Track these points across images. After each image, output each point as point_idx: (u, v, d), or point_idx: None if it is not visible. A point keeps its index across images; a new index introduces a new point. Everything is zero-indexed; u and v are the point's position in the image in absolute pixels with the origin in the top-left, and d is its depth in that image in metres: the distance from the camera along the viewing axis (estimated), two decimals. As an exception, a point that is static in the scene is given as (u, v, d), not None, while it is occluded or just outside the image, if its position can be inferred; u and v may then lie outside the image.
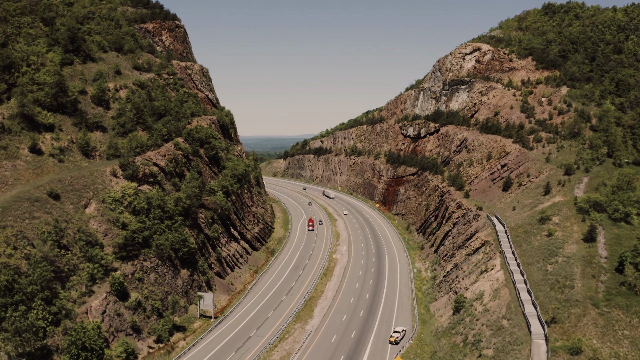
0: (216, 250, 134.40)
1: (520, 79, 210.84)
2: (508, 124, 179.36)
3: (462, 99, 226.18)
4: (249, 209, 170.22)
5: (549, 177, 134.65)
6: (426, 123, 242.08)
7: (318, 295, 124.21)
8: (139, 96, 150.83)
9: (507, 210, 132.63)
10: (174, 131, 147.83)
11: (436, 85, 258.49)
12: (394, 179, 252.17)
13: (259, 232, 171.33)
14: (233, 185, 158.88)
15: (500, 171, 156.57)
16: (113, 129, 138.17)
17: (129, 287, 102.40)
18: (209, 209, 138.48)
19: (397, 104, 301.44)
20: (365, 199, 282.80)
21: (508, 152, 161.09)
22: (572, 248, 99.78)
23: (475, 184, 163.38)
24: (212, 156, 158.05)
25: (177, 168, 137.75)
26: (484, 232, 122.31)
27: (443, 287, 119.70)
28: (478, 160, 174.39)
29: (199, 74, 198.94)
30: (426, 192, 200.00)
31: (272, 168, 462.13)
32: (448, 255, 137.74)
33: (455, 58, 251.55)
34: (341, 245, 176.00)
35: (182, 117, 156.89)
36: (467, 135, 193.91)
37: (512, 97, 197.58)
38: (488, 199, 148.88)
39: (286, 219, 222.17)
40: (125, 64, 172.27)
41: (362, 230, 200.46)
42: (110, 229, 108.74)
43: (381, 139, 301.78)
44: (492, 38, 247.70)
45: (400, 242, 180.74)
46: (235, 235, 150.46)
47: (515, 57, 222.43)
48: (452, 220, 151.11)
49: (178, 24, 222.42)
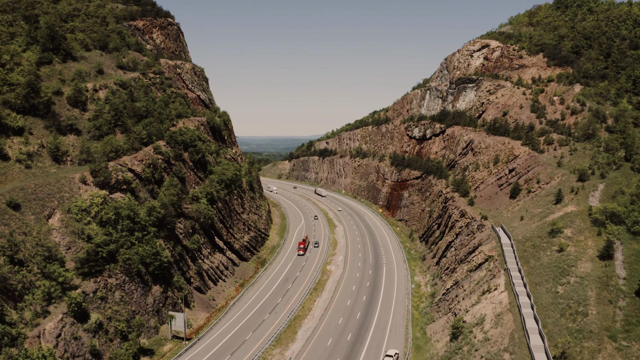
0: (196, 263, 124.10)
1: (531, 76, 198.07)
2: (517, 125, 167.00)
3: (469, 98, 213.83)
4: (238, 217, 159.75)
5: (561, 184, 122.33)
6: (432, 124, 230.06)
7: (304, 314, 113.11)
8: (118, 97, 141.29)
9: (514, 220, 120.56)
10: (156, 134, 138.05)
11: (443, 84, 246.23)
12: (398, 182, 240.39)
13: (249, 241, 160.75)
14: (220, 192, 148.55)
15: (508, 176, 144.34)
16: (88, 132, 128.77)
17: (90, 307, 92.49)
18: (190, 217, 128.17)
19: (403, 104, 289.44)
20: (369, 203, 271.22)
21: (516, 156, 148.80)
22: (586, 266, 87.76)
23: (481, 190, 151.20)
24: (197, 160, 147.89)
25: (156, 174, 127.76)
26: (488, 246, 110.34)
27: (442, 307, 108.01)
28: (484, 164, 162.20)
29: (190, 73, 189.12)
30: (430, 197, 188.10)
31: (277, 170, 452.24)
32: (450, 269, 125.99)
33: (462, 55, 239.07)
34: (337, 255, 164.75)
35: (165, 118, 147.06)
36: (473, 137, 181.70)
37: (522, 95, 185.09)
38: (494, 206, 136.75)
39: (283, 225, 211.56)
40: (109, 63, 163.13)
41: (362, 237, 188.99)
42: (74, 241, 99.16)
43: (386, 140, 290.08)
44: (502, 34, 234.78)
45: (400, 251, 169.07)
46: (221, 245, 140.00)
47: (525, 54, 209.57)
48: (455, 230, 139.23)
49: (171, 22, 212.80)
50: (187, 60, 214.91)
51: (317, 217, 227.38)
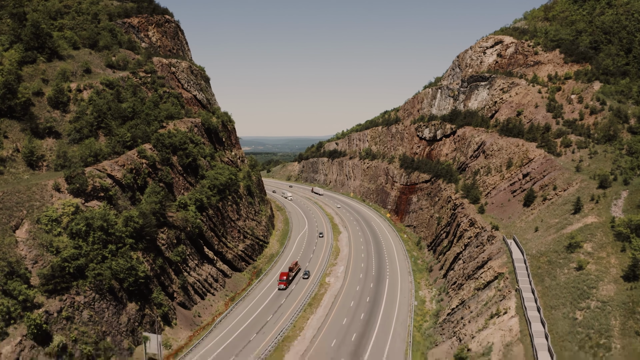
0: (181, 276, 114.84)
1: (547, 73, 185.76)
2: (532, 125, 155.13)
3: (482, 97, 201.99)
4: (232, 224, 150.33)
5: (580, 191, 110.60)
6: (442, 124, 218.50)
7: (295, 335, 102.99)
8: (103, 97, 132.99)
9: (528, 231, 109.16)
10: (141, 136, 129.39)
11: (454, 83, 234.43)
12: (407, 186, 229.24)
13: (244, 250, 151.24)
14: (211, 198, 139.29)
15: (522, 181, 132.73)
16: (68, 135, 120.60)
17: (53, 328, 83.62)
18: (175, 227, 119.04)
19: (414, 104, 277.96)
20: (377, 207, 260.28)
21: (531, 159, 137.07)
22: (608, 289, 76.48)
23: (492, 196, 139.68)
24: (187, 164, 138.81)
25: (139, 180, 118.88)
26: (498, 261, 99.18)
27: (446, 329, 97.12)
28: (497, 168, 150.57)
29: (187, 72, 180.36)
30: (439, 203, 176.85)
31: (287, 171, 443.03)
32: (457, 284, 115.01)
33: (475, 52, 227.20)
34: (338, 265, 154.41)
35: (153, 120, 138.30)
36: (485, 138, 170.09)
37: (537, 94, 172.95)
38: (506, 215, 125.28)
39: (285, 231, 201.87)
40: (98, 62, 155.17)
41: (366, 245, 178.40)
42: (42, 255, 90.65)
43: (396, 141, 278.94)
44: (516, 30, 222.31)
45: (406, 261, 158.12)
46: (210, 256, 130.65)
47: (541, 50, 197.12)
48: (464, 241, 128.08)
49: (168, 19, 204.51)
50: (185, 59, 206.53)
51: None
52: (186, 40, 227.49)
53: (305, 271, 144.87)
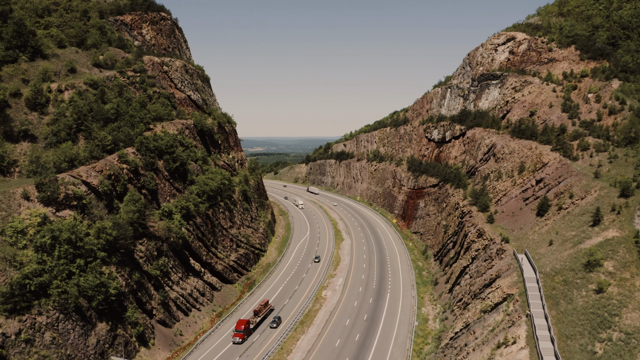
0: (161, 291, 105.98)
1: (562, 71, 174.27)
2: (546, 127, 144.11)
3: (493, 97, 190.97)
4: (224, 232, 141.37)
5: (599, 200, 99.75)
6: (452, 125, 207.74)
7: (281, 359, 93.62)
8: (85, 98, 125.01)
9: (542, 244, 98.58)
10: (124, 140, 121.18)
11: (465, 82, 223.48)
12: (415, 190, 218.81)
13: (237, 259, 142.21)
14: (200, 205, 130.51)
15: (535, 188, 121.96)
16: (45, 138, 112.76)
17: (11, 352, 75.31)
18: (156, 237, 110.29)
19: (423, 104, 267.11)
20: (384, 212, 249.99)
21: (545, 163, 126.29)
22: (633, 317, 66.08)
23: (503, 204, 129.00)
24: (174, 169, 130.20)
25: (118, 186, 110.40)
26: (507, 280, 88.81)
27: (448, 355, 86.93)
28: (508, 173, 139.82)
29: (181, 71, 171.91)
30: (446, 209, 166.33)
31: (294, 173, 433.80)
32: (462, 302, 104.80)
33: (486, 50, 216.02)
34: (337, 276, 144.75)
35: (138, 122, 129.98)
36: (496, 141, 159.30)
37: (552, 93, 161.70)
38: (517, 225, 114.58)
39: (285, 238, 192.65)
40: (84, 61, 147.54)
41: (369, 254, 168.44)
42: (4, 270, 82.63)
43: (404, 142, 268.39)
44: (529, 26, 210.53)
45: (410, 273, 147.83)
46: (197, 268, 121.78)
47: (555, 47, 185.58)
48: (471, 253, 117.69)
49: (164, 16, 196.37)
50: (181, 58, 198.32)
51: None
52: (184, 38, 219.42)
53: (275, 318, 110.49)
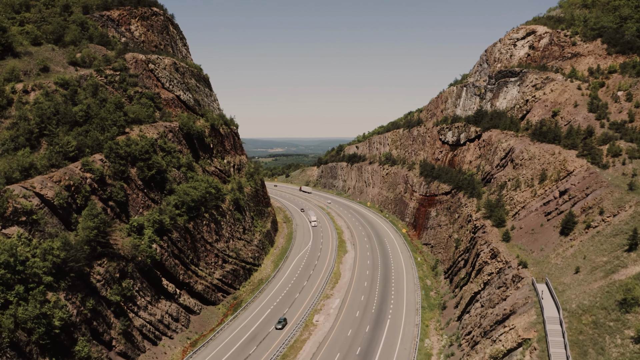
0: (123, 319, 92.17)
1: (587, 67, 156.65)
2: (571, 129, 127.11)
3: (511, 95, 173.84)
4: (208, 247, 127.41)
5: (636, 218, 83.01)
6: (466, 126, 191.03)
7: (252, 407, 79.18)
8: (51, 99, 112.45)
9: (566, 271, 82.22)
10: (92, 145, 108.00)
11: (481, 80, 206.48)
12: (427, 197, 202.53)
13: (223, 277, 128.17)
14: (178, 217, 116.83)
15: (558, 201, 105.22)
16: (2, 144, 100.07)
17: None
18: (120, 257, 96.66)
19: (438, 104, 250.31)
20: (395, 220, 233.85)
21: (570, 172, 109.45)
22: (693, 384, 49.85)
23: (521, 219, 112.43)
24: (149, 178, 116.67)
25: (79, 199, 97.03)
26: (524, 318, 72.82)
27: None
28: (527, 181, 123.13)
29: (169, 69, 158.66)
30: (458, 221, 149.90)
31: (305, 176, 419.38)
32: (472, 337, 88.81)
33: (504, 45, 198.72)
34: (334, 297, 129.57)
35: (111, 125, 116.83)
36: (514, 144, 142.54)
37: (577, 90, 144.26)
38: (537, 246, 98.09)
39: (285, 249, 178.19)
40: (60, 59, 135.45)
41: (373, 270, 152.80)
42: None
43: (417, 145, 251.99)
44: (551, 19, 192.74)
45: (416, 294, 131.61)
46: (170, 289, 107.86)
47: (579, 40, 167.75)
48: (483, 277, 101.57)
49: (155, 11, 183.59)
50: (175, 56, 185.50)
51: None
52: (181, 35, 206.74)
53: None
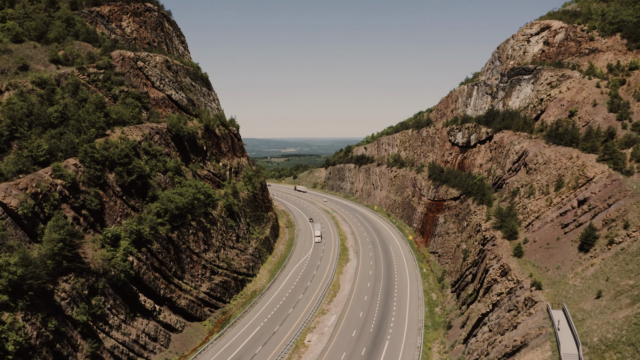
0: (91, 341, 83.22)
1: (606, 63, 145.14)
2: (590, 130, 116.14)
3: (525, 94, 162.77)
4: (195, 258, 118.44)
5: (669, 233, 72.35)
6: (477, 127, 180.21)
7: None
8: (25, 100, 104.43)
9: (587, 296, 71.75)
10: (66, 149, 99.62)
11: (493, 78, 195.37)
12: (435, 202, 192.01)
13: (211, 290, 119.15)
14: (159, 227, 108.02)
15: (577, 211, 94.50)
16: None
17: None
18: (90, 271, 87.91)
19: (448, 103, 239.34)
20: (402, 225, 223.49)
21: (590, 178, 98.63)
22: None
23: (535, 231, 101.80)
24: (129, 183, 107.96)
25: (47, 208, 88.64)
26: (536, 354, 62.55)
27: None
28: (542, 188, 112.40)
29: (160, 67, 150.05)
30: (467, 229, 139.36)
31: (313, 178, 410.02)
32: (477, 366, 78.74)
33: (517, 42, 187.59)
34: (330, 312, 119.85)
35: (89, 126, 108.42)
36: (527, 147, 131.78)
37: (595, 89, 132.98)
38: (553, 263, 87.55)
39: (284, 257, 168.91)
40: (41, 57, 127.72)
41: (375, 282, 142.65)
42: None
43: (426, 146, 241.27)
44: (566, 13, 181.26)
45: (420, 310, 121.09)
46: (149, 306, 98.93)
47: (597, 35, 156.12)
48: (492, 297, 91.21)
49: (149, 7, 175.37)
50: (171, 53, 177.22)
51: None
52: (179, 32, 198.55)
53: None
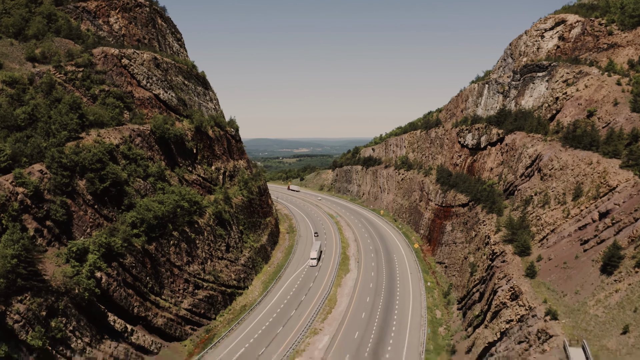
0: (45, 372, 74.43)
1: (627, 59, 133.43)
2: (611, 132, 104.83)
3: (539, 92, 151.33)
4: (176, 271, 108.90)
5: None
6: (488, 128, 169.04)
7: None
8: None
9: (611, 330, 60.91)
10: (32, 153, 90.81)
11: (505, 75, 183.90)
12: (443, 207, 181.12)
13: (194, 306, 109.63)
14: (134, 239, 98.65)
15: (598, 225, 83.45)
16: None
17: None
18: (50, 290, 78.73)
19: (458, 103, 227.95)
20: (409, 231, 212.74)
21: (613, 187, 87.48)
22: None
23: (550, 246, 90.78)
24: (102, 191, 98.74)
25: (5, 219, 79.80)
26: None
27: None
28: (558, 197, 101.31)
29: (147, 65, 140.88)
30: (475, 240, 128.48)
31: (320, 180, 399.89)
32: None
33: (530, 37, 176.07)
34: (323, 332, 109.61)
35: (60, 129, 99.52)
36: (541, 150, 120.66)
37: (616, 86, 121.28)
38: (571, 286, 76.57)
39: (281, 266, 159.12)
40: (18, 55, 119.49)
41: (375, 297, 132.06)
42: None
43: (435, 148, 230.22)
44: (582, 6, 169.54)
45: (422, 331, 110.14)
46: (119, 327, 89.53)
47: (616, 29, 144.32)
48: (500, 324, 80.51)
49: (140, 2, 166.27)
50: (163, 51, 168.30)
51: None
52: (173, 29, 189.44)
53: None
